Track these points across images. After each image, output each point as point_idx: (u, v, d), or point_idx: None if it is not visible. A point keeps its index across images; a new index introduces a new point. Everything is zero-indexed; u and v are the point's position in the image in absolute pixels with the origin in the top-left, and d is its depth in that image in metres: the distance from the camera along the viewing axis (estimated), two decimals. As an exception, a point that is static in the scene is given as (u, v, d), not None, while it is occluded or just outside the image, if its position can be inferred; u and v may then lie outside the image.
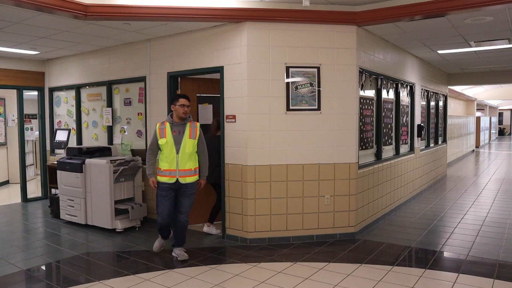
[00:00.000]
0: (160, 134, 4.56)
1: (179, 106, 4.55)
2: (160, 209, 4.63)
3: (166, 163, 4.53)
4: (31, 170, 9.63)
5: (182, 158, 4.51)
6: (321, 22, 5.17)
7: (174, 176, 4.53)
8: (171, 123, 4.59)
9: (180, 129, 4.56)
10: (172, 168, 4.51)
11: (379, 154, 6.42)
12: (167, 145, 4.51)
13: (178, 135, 4.53)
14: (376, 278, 4.08)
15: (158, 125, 4.63)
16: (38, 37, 6.00)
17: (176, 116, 4.59)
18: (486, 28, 5.74)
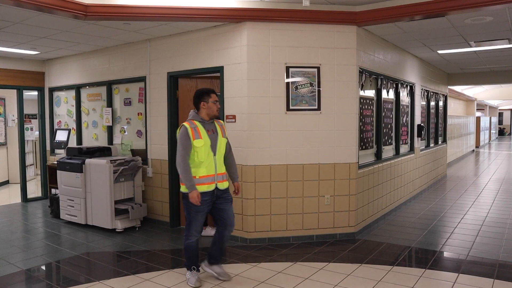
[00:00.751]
0: (193, 135, 3.84)
1: (213, 102, 3.96)
2: (194, 227, 3.94)
3: (203, 168, 3.86)
4: (31, 170, 9.63)
5: (219, 160, 3.97)
6: (321, 22, 5.17)
7: (213, 183, 3.91)
8: (201, 121, 3.95)
9: (212, 128, 3.99)
10: (211, 173, 3.89)
11: (379, 154, 6.42)
12: (204, 147, 3.85)
13: (213, 135, 3.96)
14: (376, 278, 4.08)
15: (186, 124, 3.88)
16: (38, 37, 6.00)
17: (207, 114, 3.97)
18: (486, 28, 5.74)
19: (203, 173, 3.87)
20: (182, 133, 3.85)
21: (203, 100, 3.97)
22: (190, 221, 3.94)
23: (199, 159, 3.85)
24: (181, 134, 3.85)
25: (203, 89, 4.05)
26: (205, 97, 3.97)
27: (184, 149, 3.83)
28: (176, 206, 6.13)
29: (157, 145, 6.24)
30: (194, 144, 3.82)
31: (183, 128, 3.86)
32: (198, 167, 3.86)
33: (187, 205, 3.92)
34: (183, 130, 3.85)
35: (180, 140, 3.84)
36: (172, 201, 6.10)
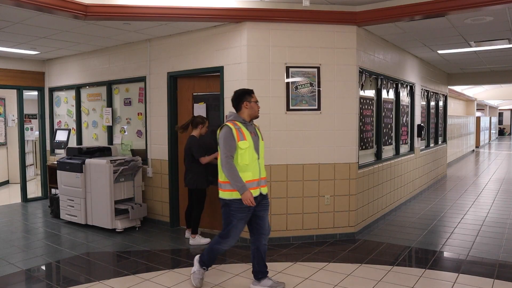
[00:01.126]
0: (238, 136, 3.59)
1: (255, 102, 3.78)
2: (233, 235, 3.68)
3: (249, 172, 3.61)
4: (31, 170, 9.62)
5: (261, 163, 3.74)
6: (321, 22, 5.17)
7: (258, 188, 3.67)
8: (243, 123, 3.71)
9: (252, 130, 3.77)
10: (256, 177, 3.65)
11: (379, 154, 6.42)
12: (249, 149, 3.61)
13: (255, 137, 3.73)
14: (376, 278, 4.08)
15: (230, 125, 3.64)
16: (38, 37, 6.00)
17: (248, 115, 3.76)
18: (486, 28, 5.74)
19: (249, 177, 3.60)
20: (225, 133, 3.59)
21: (246, 100, 3.76)
22: (230, 229, 3.65)
23: (244, 162, 3.60)
24: (225, 135, 3.59)
25: (244, 89, 3.86)
26: (247, 97, 3.77)
27: (229, 150, 3.56)
28: (176, 206, 6.13)
29: (157, 145, 6.24)
30: (239, 145, 3.58)
31: (227, 128, 3.61)
32: (243, 171, 3.60)
33: (229, 212, 3.64)
34: (227, 130, 3.60)
35: (225, 140, 3.57)
36: (172, 201, 6.10)
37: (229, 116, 3.79)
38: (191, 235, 5.27)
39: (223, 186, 3.66)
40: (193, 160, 5.14)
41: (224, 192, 3.64)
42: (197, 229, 5.28)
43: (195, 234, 5.27)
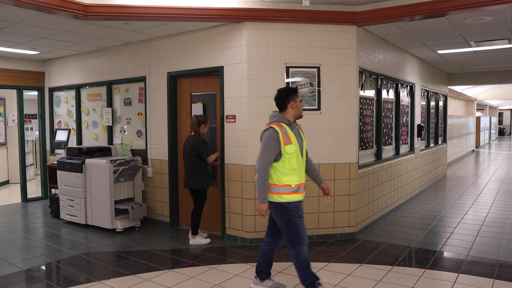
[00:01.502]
0: (284, 140, 3.41)
1: (300, 102, 3.60)
2: (304, 234, 3.48)
3: (297, 176, 3.48)
4: (31, 170, 9.63)
5: (304, 167, 3.64)
6: (321, 22, 5.17)
7: (304, 192, 3.57)
8: (288, 124, 3.53)
9: (297, 132, 3.61)
10: (302, 181, 3.52)
11: (379, 154, 6.42)
12: (296, 153, 3.45)
13: (299, 139, 3.59)
14: (376, 278, 4.08)
15: (276, 128, 3.44)
16: (38, 37, 6.00)
17: (293, 115, 3.59)
18: (486, 28, 5.74)
19: (296, 181, 3.47)
20: (270, 136, 3.41)
21: (292, 99, 3.55)
22: (297, 229, 3.44)
23: (292, 166, 3.45)
24: (269, 138, 3.41)
25: (289, 87, 3.68)
26: (293, 96, 3.56)
27: (269, 155, 3.40)
28: (176, 206, 6.13)
29: (157, 145, 6.24)
30: (286, 150, 3.41)
31: (273, 131, 3.42)
32: (292, 175, 3.45)
33: (287, 214, 3.44)
34: (273, 134, 3.41)
35: (268, 144, 3.39)
36: (172, 201, 6.10)
37: (273, 116, 3.57)
38: (191, 235, 5.27)
39: (276, 189, 3.46)
40: (198, 160, 5.12)
41: (274, 195, 3.46)
42: (197, 230, 5.28)
43: (195, 234, 5.27)
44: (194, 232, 5.25)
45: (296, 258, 3.48)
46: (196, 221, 5.24)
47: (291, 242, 3.47)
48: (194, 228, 5.25)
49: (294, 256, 3.49)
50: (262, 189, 3.42)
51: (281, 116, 3.55)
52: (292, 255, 3.50)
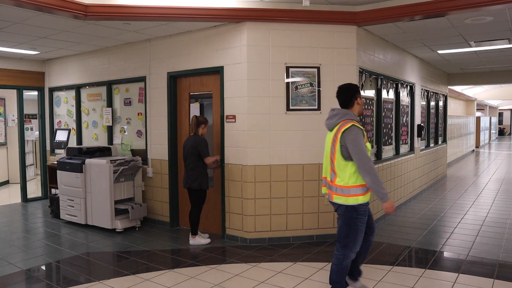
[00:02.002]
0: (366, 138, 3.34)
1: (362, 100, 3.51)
2: (360, 238, 3.38)
3: None
4: (31, 170, 9.63)
5: None
6: (321, 22, 5.17)
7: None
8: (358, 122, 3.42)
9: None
10: None
11: (379, 154, 6.42)
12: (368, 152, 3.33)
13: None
14: (376, 278, 4.08)
15: (358, 125, 3.30)
16: (38, 37, 6.00)
17: (358, 113, 3.48)
18: (486, 28, 5.74)
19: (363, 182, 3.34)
20: (359, 134, 3.24)
21: (358, 95, 3.44)
22: (356, 234, 3.33)
23: None
24: (358, 135, 3.23)
25: (351, 84, 3.55)
26: (356, 94, 3.43)
27: (366, 153, 3.22)
28: (176, 206, 6.13)
29: (157, 145, 6.24)
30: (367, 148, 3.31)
31: (358, 129, 3.26)
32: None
33: (356, 218, 3.31)
34: (359, 131, 3.25)
35: (360, 142, 3.21)
36: (172, 201, 6.10)
37: (344, 113, 3.39)
38: (191, 236, 5.27)
39: (345, 191, 3.30)
40: (199, 160, 5.13)
41: (349, 197, 3.29)
42: (197, 230, 5.28)
43: (195, 234, 5.27)
44: (193, 232, 5.25)
45: (340, 261, 3.41)
46: (195, 221, 5.24)
47: (344, 244, 3.38)
48: (193, 228, 5.25)
49: (338, 258, 3.42)
50: (381, 185, 3.21)
51: (352, 113, 3.41)
52: (338, 256, 3.43)
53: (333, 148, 3.34)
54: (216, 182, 5.65)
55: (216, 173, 5.63)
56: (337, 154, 3.31)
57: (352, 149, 3.22)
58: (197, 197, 5.21)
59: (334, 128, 3.38)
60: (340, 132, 3.28)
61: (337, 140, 3.29)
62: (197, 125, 5.18)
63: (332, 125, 3.40)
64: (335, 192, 3.37)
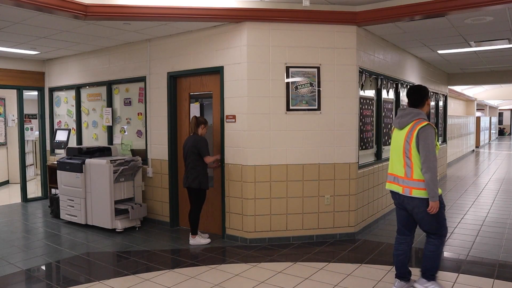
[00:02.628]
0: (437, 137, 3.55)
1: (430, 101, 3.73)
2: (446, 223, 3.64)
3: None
4: (31, 170, 9.63)
5: None
6: (321, 22, 5.17)
7: None
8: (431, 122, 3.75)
9: None
10: None
11: (379, 154, 6.42)
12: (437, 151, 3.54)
13: None
14: (376, 278, 4.08)
15: (432, 125, 3.49)
16: (38, 37, 6.00)
17: (427, 113, 3.70)
18: (486, 28, 5.74)
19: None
20: (432, 133, 3.44)
21: (428, 96, 3.68)
22: (444, 220, 3.57)
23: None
24: (432, 135, 3.43)
25: (422, 85, 3.73)
26: (427, 96, 3.66)
27: (435, 152, 3.43)
28: (176, 206, 6.13)
29: (157, 145, 6.24)
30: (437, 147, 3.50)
31: (433, 129, 3.45)
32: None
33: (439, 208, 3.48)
34: (433, 131, 3.45)
35: (432, 141, 3.41)
36: (172, 201, 6.10)
37: (417, 113, 3.56)
38: (191, 235, 5.27)
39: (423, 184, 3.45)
40: (198, 159, 5.13)
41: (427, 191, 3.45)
42: (196, 230, 5.28)
43: (195, 234, 5.27)
44: (193, 232, 5.25)
45: (437, 247, 3.58)
46: (195, 221, 5.24)
47: (439, 233, 3.57)
48: (193, 228, 5.25)
49: (436, 245, 3.58)
50: (436, 185, 3.41)
51: (423, 113, 3.60)
52: (434, 244, 3.58)
53: (408, 145, 3.50)
54: (216, 182, 5.65)
55: (216, 173, 5.63)
56: (413, 151, 3.47)
57: (423, 146, 3.42)
58: (197, 197, 5.21)
59: (406, 127, 3.55)
60: (416, 130, 3.46)
61: (413, 137, 3.47)
62: (197, 125, 5.19)
63: (405, 123, 3.57)
64: (414, 187, 3.49)
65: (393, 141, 3.71)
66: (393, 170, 3.68)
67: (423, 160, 3.42)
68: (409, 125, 3.52)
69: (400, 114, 3.67)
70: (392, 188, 3.69)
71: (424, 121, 3.49)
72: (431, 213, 3.43)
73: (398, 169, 3.61)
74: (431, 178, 3.38)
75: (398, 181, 3.61)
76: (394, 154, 3.67)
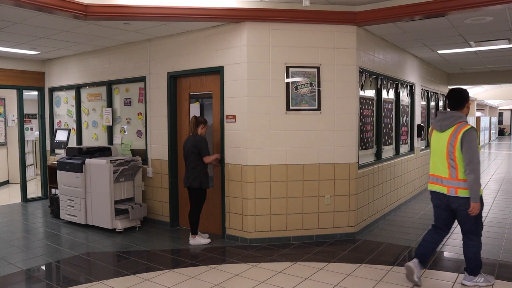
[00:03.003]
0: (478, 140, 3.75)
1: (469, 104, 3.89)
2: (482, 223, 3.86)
3: None
4: (31, 170, 9.63)
5: None
6: (321, 22, 5.17)
7: None
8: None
9: None
10: None
11: (379, 154, 6.42)
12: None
13: None
14: (376, 278, 4.08)
15: (475, 128, 3.67)
16: (38, 37, 6.00)
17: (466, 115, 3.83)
18: (486, 28, 5.74)
19: None
20: (475, 136, 3.60)
21: (468, 100, 3.82)
22: (481, 219, 3.78)
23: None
24: (475, 138, 3.59)
25: (463, 88, 3.85)
26: (469, 97, 3.83)
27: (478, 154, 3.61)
28: (176, 206, 6.13)
29: (157, 145, 6.24)
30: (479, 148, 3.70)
31: (475, 132, 3.61)
32: None
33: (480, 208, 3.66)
34: (476, 134, 3.61)
35: (475, 143, 3.58)
36: (172, 201, 6.10)
37: (459, 116, 3.70)
38: (191, 235, 5.27)
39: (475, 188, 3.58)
40: (199, 159, 5.13)
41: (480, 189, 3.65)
42: (197, 229, 5.28)
43: (195, 234, 5.27)
44: (193, 232, 5.25)
45: (476, 248, 3.76)
46: (195, 221, 5.24)
47: (476, 233, 3.75)
48: (193, 228, 5.25)
49: (475, 246, 3.76)
50: (479, 187, 3.57)
51: (464, 116, 3.74)
52: (473, 245, 3.76)
53: (452, 147, 3.65)
54: (216, 182, 5.65)
55: (216, 173, 5.63)
56: (457, 153, 3.62)
57: (467, 149, 3.56)
58: (197, 196, 5.21)
59: (448, 129, 3.69)
60: (461, 133, 3.60)
61: (457, 140, 3.61)
62: (196, 125, 5.19)
63: (446, 126, 3.70)
64: (460, 187, 3.64)
65: (434, 143, 3.83)
66: (436, 171, 3.80)
67: (466, 162, 3.56)
68: (452, 128, 3.66)
69: (441, 117, 3.79)
70: (435, 189, 3.81)
71: (467, 124, 3.63)
72: (471, 214, 3.58)
73: (442, 171, 3.74)
74: (474, 180, 3.53)
75: (442, 182, 3.74)
76: (435, 156, 3.81)
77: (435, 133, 3.83)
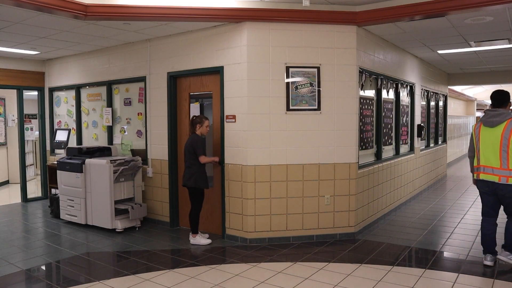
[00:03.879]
0: None
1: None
2: None
3: None
4: (31, 170, 9.63)
5: None
6: (321, 22, 5.17)
7: None
8: None
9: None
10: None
11: (379, 154, 6.42)
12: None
13: None
14: (376, 278, 4.08)
15: None
16: (38, 37, 6.00)
17: None
18: (486, 28, 5.74)
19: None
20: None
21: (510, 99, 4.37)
22: None
23: None
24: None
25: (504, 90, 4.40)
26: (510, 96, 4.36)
27: None
28: (176, 206, 6.13)
29: (157, 145, 6.24)
30: None
31: None
32: None
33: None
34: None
35: None
36: (172, 201, 6.10)
37: (507, 114, 4.23)
38: (191, 235, 5.27)
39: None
40: (195, 158, 5.13)
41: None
42: (197, 229, 5.28)
43: (196, 233, 5.27)
44: (194, 231, 5.25)
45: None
46: (195, 221, 5.24)
47: None
48: (193, 228, 5.25)
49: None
50: None
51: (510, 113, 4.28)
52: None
53: (506, 140, 4.16)
54: (216, 182, 5.65)
55: (216, 173, 5.63)
56: (511, 145, 4.14)
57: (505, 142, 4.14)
58: (193, 195, 5.21)
59: (500, 125, 4.21)
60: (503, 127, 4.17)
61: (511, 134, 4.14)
62: (192, 125, 5.20)
63: (498, 122, 4.23)
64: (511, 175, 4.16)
65: (485, 138, 4.32)
66: (488, 162, 4.29)
67: None
68: (504, 123, 4.18)
69: (491, 114, 4.30)
70: (487, 178, 4.31)
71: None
72: None
73: (493, 161, 4.25)
74: None
75: (493, 171, 4.26)
76: (486, 148, 4.31)
77: (485, 129, 4.31)
